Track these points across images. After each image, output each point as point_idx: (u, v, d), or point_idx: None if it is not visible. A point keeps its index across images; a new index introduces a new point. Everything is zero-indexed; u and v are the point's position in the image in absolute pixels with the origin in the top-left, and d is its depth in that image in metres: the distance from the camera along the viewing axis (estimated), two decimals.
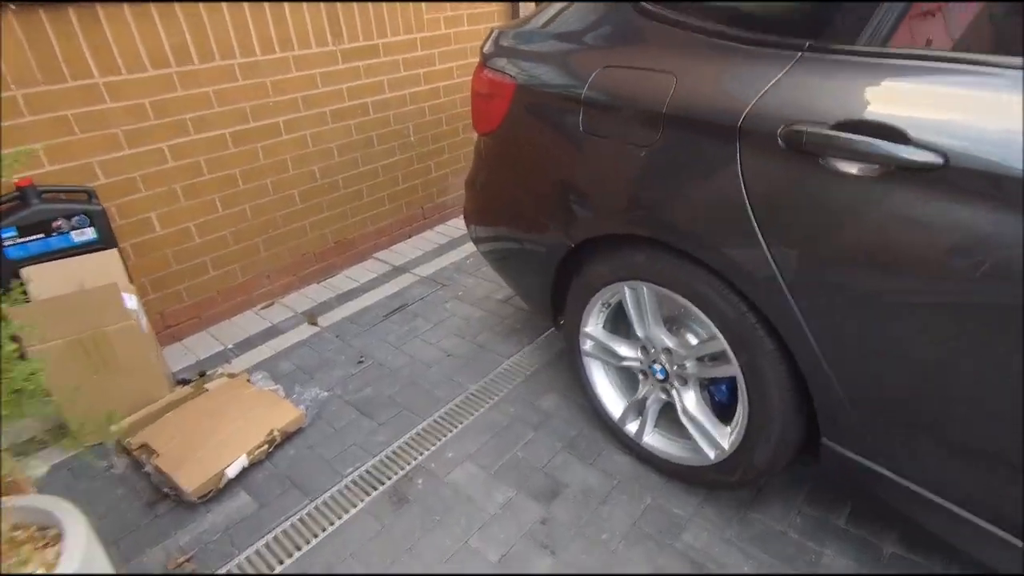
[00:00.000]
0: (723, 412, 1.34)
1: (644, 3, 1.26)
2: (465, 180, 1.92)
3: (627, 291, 1.37)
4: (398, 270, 2.72)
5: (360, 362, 2.07)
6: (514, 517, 1.43)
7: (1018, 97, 0.77)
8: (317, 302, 2.49)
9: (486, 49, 1.69)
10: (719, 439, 1.31)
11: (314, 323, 2.34)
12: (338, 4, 2.34)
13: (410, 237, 3.03)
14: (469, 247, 2.85)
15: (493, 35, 1.69)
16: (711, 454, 1.34)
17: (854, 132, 0.88)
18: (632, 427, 1.53)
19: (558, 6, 1.49)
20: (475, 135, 1.79)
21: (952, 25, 0.97)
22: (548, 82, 1.43)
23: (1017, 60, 0.79)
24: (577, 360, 1.62)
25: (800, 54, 0.98)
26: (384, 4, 2.50)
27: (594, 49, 1.34)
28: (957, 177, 0.80)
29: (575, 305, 1.53)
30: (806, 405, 1.14)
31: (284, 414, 1.74)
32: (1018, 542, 0.92)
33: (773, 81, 0.99)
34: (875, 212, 0.89)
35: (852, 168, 0.90)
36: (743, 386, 1.19)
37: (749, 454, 1.25)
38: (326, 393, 1.92)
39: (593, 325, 1.52)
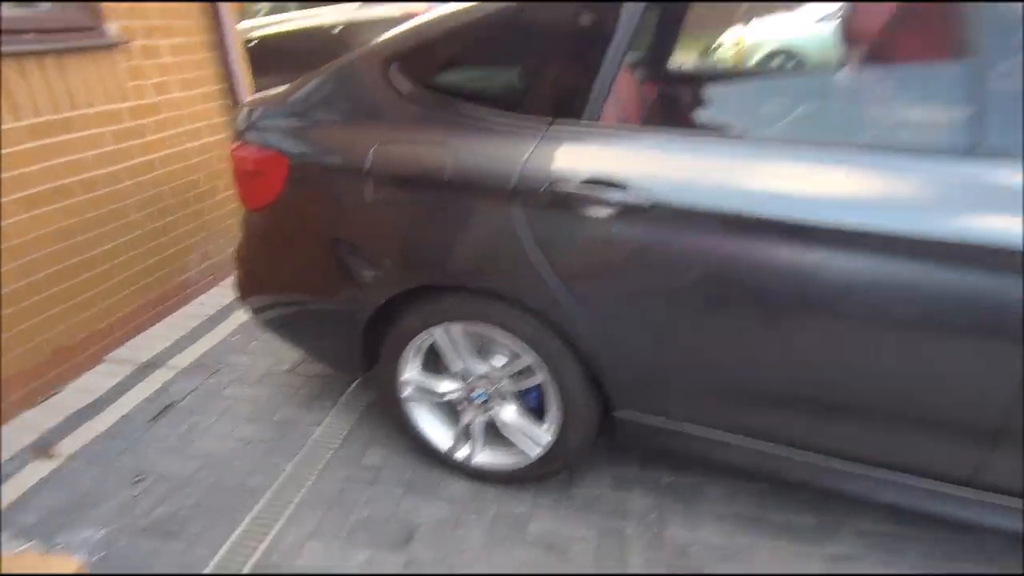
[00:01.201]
0: (535, 415, 1.61)
1: (412, 88, 1.45)
2: (236, 254, 1.85)
3: (440, 333, 1.54)
4: (148, 366, 2.37)
5: (138, 481, 1.79)
6: (378, 572, 1.46)
7: (694, 156, 1.20)
8: (45, 429, 2.03)
9: (240, 124, 1.68)
10: (539, 437, 1.57)
11: (51, 455, 1.91)
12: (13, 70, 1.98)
13: (153, 325, 2.66)
14: (232, 323, 2.65)
15: (246, 110, 1.69)
16: (534, 452, 1.59)
17: (594, 186, 1.23)
18: (463, 453, 1.70)
19: (320, 80, 1.58)
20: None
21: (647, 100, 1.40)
22: (328, 157, 1.52)
23: (690, 131, 1.23)
24: (398, 407, 1.71)
25: (547, 129, 1.30)
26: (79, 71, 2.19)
27: (370, 124, 1.49)
28: (662, 212, 1.20)
29: (390, 356, 1.63)
30: (598, 389, 1.47)
31: (59, 569, 1.42)
32: (768, 446, 1.35)
33: (531, 151, 1.29)
34: (616, 240, 1.25)
35: (597, 212, 1.24)
36: (552, 388, 1.48)
37: (565, 442, 1.54)
38: (103, 531, 1.62)
39: (410, 371, 1.65)
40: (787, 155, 1.16)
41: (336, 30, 5.86)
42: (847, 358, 1.17)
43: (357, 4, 5.87)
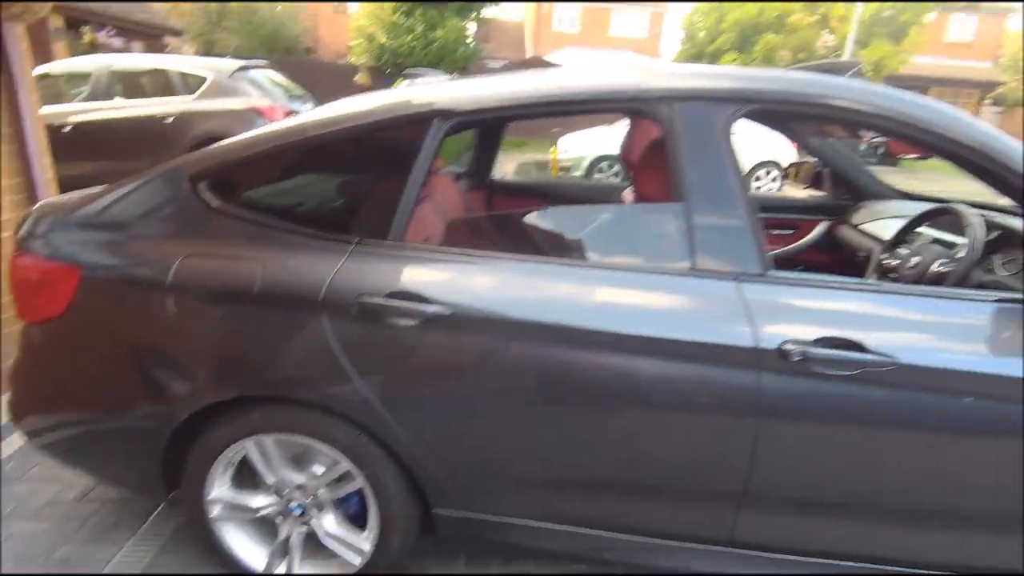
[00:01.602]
0: (358, 521, 1.59)
1: (216, 203, 1.48)
2: (9, 373, 1.65)
3: (251, 446, 1.49)
4: None
5: None
6: None
7: (491, 273, 1.35)
8: None
9: (23, 232, 1.57)
10: (361, 545, 1.55)
11: None
12: None
13: None
14: (8, 448, 2.28)
15: (34, 216, 1.59)
16: (358, 560, 1.56)
17: (399, 299, 1.33)
18: (281, 569, 1.60)
19: (123, 191, 1.54)
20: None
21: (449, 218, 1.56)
22: (129, 269, 1.47)
23: (486, 250, 1.39)
24: (207, 529, 1.59)
25: (352, 247, 1.40)
26: None
27: (175, 238, 1.47)
28: (461, 320, 1.33)
29: (195, 475, 1.53)
30: (417, 490, 1.50)
31: None
32: (582, 529, 1.45)
33: (338, 267, 1.37)
34: (422, 347, 1.35)
35: (402, 322, 1.34)
36: (371, 494, 1.48)
37: (387, 546, 1.53)
38: None
39: (219, 489, 1.55)
40: (572, 273, 1.36)
41: (168, 120, 5.65)
42: (635, 443, 1.35)
43: (194, 96, 5.74)
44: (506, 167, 2.79)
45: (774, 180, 8.87)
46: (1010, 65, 24.36)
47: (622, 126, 2.82)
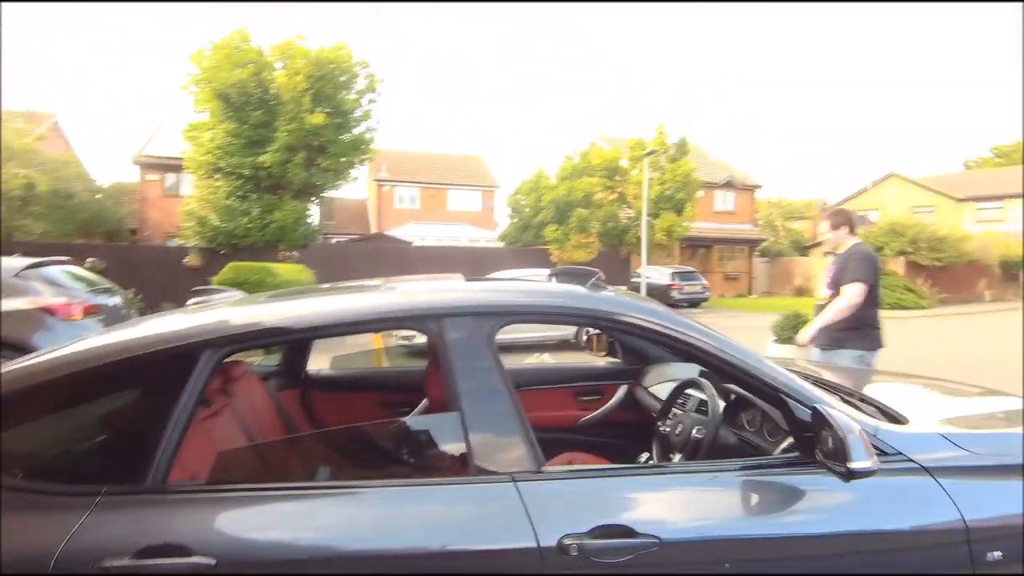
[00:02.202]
0: None
1: None
2: None
3: None
4: None
5: None
6: None
7: (257, 512, 1.27)
8: None
9: None
10: None
11: None
12: None
13: None
14: None
15: None
16: None
17: (153, 556, 1.18)
18: None
19: None
20: None
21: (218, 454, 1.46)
22: None
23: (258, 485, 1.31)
24: None
25: (98, 499, 1.24)
26: None
27: None
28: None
29: None
30: None
31: None
32: None
33: (77, 525, 1.20)
34: None
35: None
36: None
37: None
38: None
39: None
40: (354, 497, 1.33)
41: None
42: None
43: None
44: (321, 360, 2.76)
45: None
46: (765, 225, 30.75)
47: None
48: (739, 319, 15.77)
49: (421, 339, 2.07)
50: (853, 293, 3.45)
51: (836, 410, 1.41)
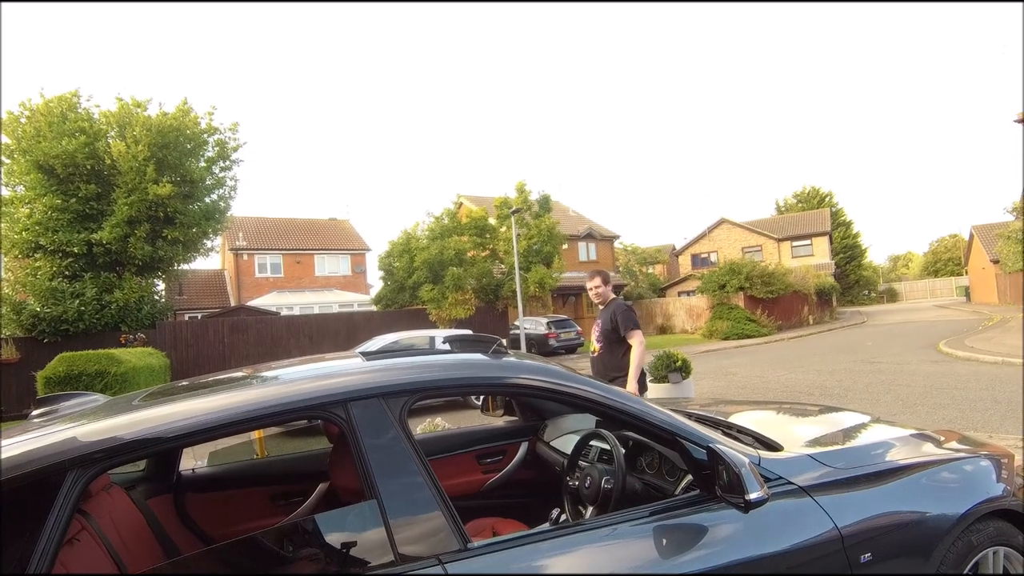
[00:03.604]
0: None
1: None
2: None
3: None
4: None
5: None
6: None
7: None
8: None
9: None
10: None
11: None
12: None
13: None
14: None
15: None
16: None
17: None
18: None
19: None
20: None
21: None
22: None
23: None
24: None
25: None
26: None
27: None
28: None
29: None
30: None
31: None
32: None
33: None
34: None
35: None
36: None
37: None
38: None
39: None
40: None
41: None
42: None
43: None
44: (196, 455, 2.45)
45: None
46: (625, 271, 33.28)
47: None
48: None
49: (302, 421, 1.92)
50: (640, 339, 4.08)
51: (727, 447, 1.55)
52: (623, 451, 1.92)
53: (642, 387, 4.12)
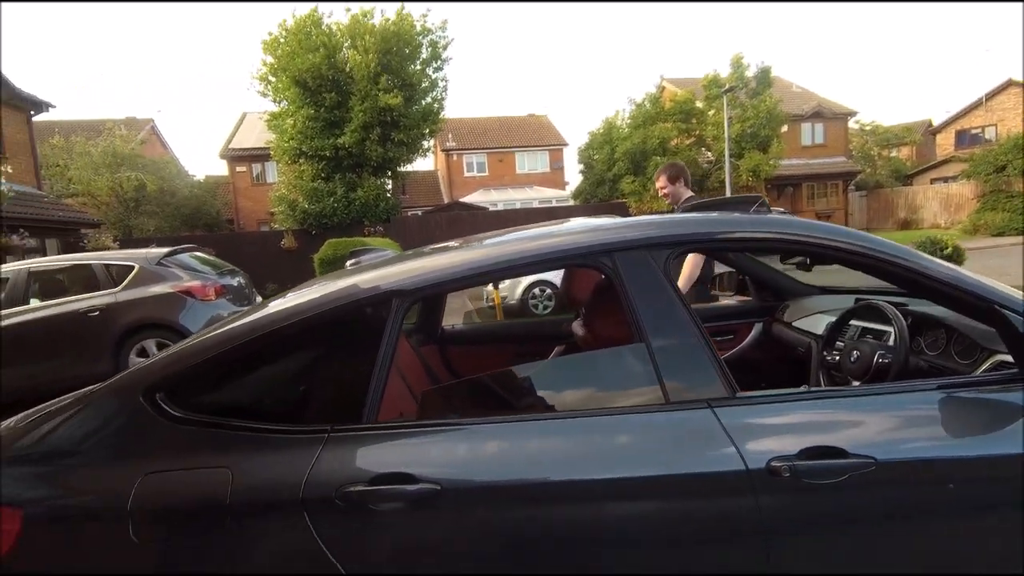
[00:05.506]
0: None
1: (181, 413, 1.41)
2: None
3: None
4: None
5: None
6: None
7: (469, 440, 1.34)
8: None
9: None
10: None
11: None
12: None
13: None
14: None
15: None
16: None
17: (384, 483, 1.28)
18: None
19: (57, 418, 1.46)
20: None
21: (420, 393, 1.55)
22: (79, 500, 1.34)
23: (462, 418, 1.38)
24: None
25: (327, 436, 1.35)
26: None
27: (126, 458, 1.38)
28: (450, 494, 1.28)
29: None
30: None
31: None
32: None
33: (315, 458, 1.31)
34: (412, 529, 1.29)
35: (389, 506, 1.28)
36: None
37: None
38: None
39: None
40: (553, 427, 1.37)
41: (94, 313, 5.44)
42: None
43: (120, 286, 5.58)
44: (451, 317, 2.88)
45: (549, 298, 9.51)
46: (860, 156, 28.37)
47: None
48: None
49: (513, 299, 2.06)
50: None
51: None
52: (904, 323, 1.71)
53: (703, 298, 3.42)
